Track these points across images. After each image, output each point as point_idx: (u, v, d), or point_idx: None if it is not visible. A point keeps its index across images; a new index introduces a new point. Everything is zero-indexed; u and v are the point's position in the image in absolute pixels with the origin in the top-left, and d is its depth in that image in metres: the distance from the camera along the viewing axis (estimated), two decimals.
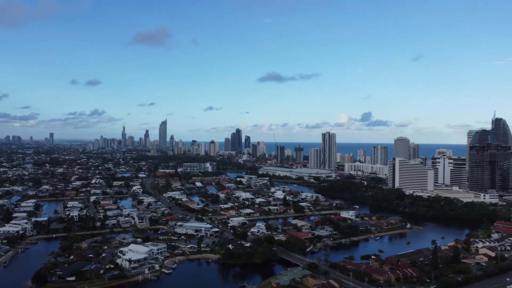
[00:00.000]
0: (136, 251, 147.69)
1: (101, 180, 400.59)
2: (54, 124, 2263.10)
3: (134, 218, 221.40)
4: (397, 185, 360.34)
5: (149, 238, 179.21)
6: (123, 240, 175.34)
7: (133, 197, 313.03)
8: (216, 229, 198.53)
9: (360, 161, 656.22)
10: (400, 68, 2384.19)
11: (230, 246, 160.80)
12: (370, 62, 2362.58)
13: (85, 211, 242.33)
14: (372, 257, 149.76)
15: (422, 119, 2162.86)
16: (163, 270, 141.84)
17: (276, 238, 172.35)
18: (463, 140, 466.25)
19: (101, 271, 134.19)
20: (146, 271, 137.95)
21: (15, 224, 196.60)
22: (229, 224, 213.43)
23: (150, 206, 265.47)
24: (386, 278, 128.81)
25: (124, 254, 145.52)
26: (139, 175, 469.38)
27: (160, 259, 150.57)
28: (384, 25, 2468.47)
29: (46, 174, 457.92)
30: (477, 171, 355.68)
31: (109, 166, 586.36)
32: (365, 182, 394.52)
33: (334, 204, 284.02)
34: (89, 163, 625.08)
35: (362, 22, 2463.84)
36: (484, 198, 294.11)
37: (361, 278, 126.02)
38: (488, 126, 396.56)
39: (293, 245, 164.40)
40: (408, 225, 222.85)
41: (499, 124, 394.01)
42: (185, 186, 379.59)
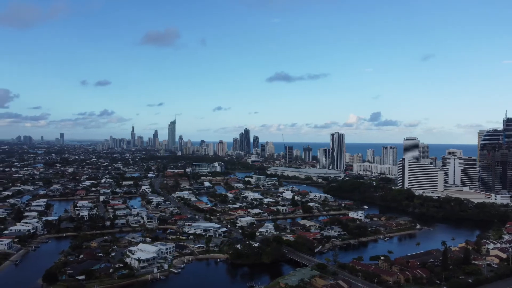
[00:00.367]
0: (145, 251, 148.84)
1: (111, 180, 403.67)
2: (65, 124, 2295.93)
3: (143, 218, 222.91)
4: (407, 186, 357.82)
5: (158, 238, 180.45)
6: (132, 240, 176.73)
7: (142, 197, 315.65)
8: (225, 229, 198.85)
9: (369, 161, 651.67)
10: (409, 68, 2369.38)
11: (239, 246, 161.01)
12: (379, 62, 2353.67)
13: (95, 211, 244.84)
14: (381, 258, 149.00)
15: (432, 119, 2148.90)
16: (172, 270, 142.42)
17: (285, 238, 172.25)
18: (474, 140, 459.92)
19: (111, 270, 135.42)
20: (155, 271, 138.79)
21: (26, 223, 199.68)
22: (238, 224, 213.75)
23: (159, 206, 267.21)
24: (395, 279, 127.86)
25: (133, 254, 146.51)
26: (148, 175, 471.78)
27: (169, 259, 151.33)
28: (393, 25, 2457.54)
29: (57, 174, 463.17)
30: (488, 172, 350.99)
31: (119, 166, 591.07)
32: (374, 183, 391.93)
33: (343, 205, 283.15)
34: (99, 163, 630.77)
35: (371, 22, 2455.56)
36: (495, 199, 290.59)
37: (370, 279, 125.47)
38: (500, 126, 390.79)
39: (302, 246, 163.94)
40: (418, 226, 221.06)
41: (511, 124, 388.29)
42: (194, 186, 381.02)
